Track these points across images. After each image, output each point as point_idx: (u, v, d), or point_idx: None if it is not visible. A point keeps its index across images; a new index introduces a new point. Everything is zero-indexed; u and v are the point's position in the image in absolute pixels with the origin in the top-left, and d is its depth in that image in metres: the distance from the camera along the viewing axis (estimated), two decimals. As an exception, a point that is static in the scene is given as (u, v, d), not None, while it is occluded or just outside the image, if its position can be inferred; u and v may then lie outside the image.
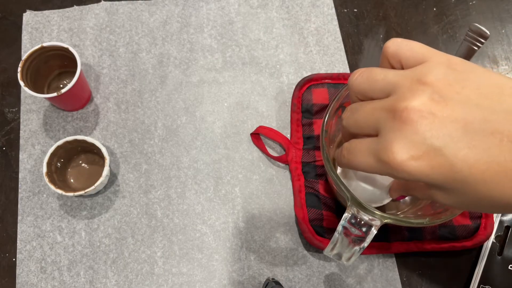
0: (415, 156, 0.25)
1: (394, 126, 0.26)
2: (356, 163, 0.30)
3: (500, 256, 0.49)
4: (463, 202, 0.27)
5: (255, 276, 0.49)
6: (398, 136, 0.26)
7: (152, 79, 0.57)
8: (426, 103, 0.25)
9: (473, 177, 0.25)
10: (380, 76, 0.29)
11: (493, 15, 0.61)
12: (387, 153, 0.26)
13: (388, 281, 0.49)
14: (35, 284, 0.49)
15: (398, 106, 0.26)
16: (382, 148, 0.27)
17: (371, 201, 0.42)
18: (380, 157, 0.27)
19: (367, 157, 0.29)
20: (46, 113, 0.55)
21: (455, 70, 0.26)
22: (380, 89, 0.29)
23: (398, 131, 0.26)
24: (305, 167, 0.52)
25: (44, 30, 0.59)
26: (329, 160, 0.39)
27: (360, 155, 0.29)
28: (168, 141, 0.55)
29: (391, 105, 0.27)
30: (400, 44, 0.29)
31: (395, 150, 0.26)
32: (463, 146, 0.24)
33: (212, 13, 0.60)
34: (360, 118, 0.30)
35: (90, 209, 0.52)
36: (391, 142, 0.26)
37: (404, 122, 0.26)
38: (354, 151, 0.30)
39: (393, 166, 0.26)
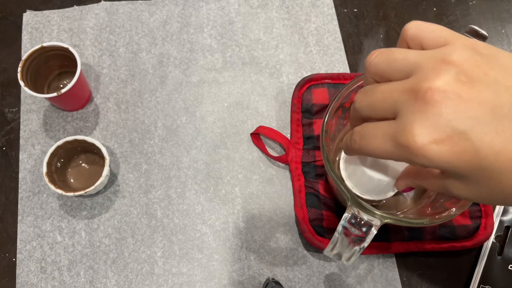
0: (438, 139, 0.23)
1: (415, 108, 0.24)
2: (370, 147, 0.28)
3: (500, 256, 0.49)
4: (481, 194, 0.25)
5: (255, 276, 0.49)
6: (419, 118, 0.24)
7: (152, 79, 0.57)
8: (451, 83, 0.23)
9: (499, 165, 0.23)
10: (401, 56, 0.27)
11: (493, 15, 0.61)
12: (407, 136, 0.24)
13: (388, 281, 0.49)
14: (35, 284, 0.49)
15: (421, 86, 0.24)
16: (401, 131, 0.25)
17: (376, 192, 0.41)
18: (399, 140, 0.25)
19: (383, 141, 0.27)
20: (46, 113, 0.55)
21: (481, 53, 0.25)
22: (400, 69, 0.27)
23: (419, 112, 0.24)
24: (305, 167, 0.52)
25: (44, 30, 0.59)
26: (329, 160, 0.39)
27: (375, 139, 0.27)
28: (168, 141, 0.55)
29: (412, 85, 0.25)
30: (421, 26, 0.27)
31: (416, 132, 0.24)
32: (490, 130, 0.23)
33: (212, 13, 0.60)
34: (377, 99, 0.27)
35: (90, 209, 0.52)
36: (411, 124, 0.24)
37: (427, 103, 0.24)
38: (367, 135, 0.28)
39: (412, 150, 0.24)
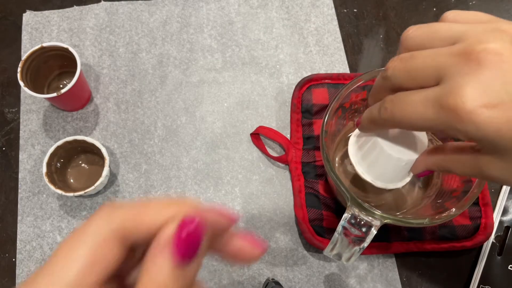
0: (490, 104, 0.21)
1: (466, 70, 0.22)
2: (406, 114, 0.25)
3: (500, 256, 0.49)
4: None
5: (255, 276, 0.49)
6: (471, 79, 0.22)
7: (152, 79, 0.57)
8: (507, 47, 0.22)
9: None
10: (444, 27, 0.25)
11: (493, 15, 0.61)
12: (455, 98, 0.22)
13: (388, 281, 0.49)
14: (35, 284, 0.49)
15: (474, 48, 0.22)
16: (447, 93, 0.22)
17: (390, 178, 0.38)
18: (444, 103, 0.22)
19: (423, 106, 0.24)
20: (46, 113, 0.55)
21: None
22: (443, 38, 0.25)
23: (471, 74, 0.22)
24: (305, 167, 0.52)
25: (44, 30, 0.59)
26: (329, 160, 0.39)
27: (413, 104, 0.24)
28: (168, 141, 0.55)
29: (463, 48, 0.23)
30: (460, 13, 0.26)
31: (466, 94, 0.21)
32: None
33: (212, 13, 0.60)
34: (417, 65, 0.25)
35: (90, 209, 0.52)
36: (461, 86, 0.22)
37: (481, 63, 0.21)
38: (403, 102, 0.25)
39: (460, 113, 0.22)
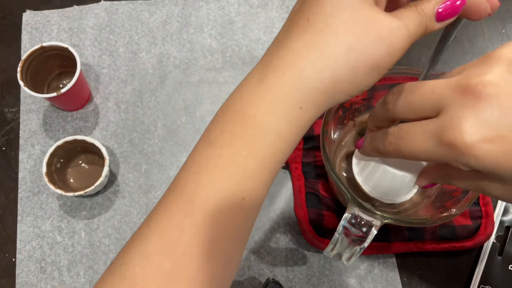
0: (489, 138, 0.22)
1: (464, 102, 0.22)
2: (408, 149, 0.26)
3: (500, 256, 0.49)
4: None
5: (255, 276, 0.49)
6: (469, 113, 0.22)
7: (152, 79, 0.57)
8: (504, 76, 0.22)
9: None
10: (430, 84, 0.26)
11: (493, 15, 0.61)
12: (454, 132, 0.22)
13: (388, 281, 0.49)
14: (35, 284, 0.49)
15: (471, 80, 0.23)
16: (446, 127, 0.23)
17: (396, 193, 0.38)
18: (444, 137, 0.23)
19: (423, 140, 0.25)
20: (46, 113, 0.55)
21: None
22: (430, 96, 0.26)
23: (469, 107, 0.22)
24: (305, 167, 0.52)
25: (44, 30, 0.58)
26: (329, 160, 0.39)
27: (414, 138, 0.25)
28: (168, 141, 0.55)
29: (460, 81, 0.23)
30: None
31: (465, 129, 0.22)
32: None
33: (212, 13, 0.60)
34: (417, 98, 0.26)
35: (89, 209, 0.52)
36: (459, 120, 0.22)
37: (477, 96, 0.22)
38: (406, 135, 0.26)
39: (459, 148, 0.22)
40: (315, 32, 0.24)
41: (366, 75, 0.25)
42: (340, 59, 0.24)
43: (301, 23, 0.25)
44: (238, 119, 0.26)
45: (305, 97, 0.25)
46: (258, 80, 0.26)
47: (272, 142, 0.25)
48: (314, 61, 0.24)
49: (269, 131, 0.25)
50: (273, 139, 0.25)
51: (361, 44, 0.24)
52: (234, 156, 0.25)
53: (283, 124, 0.25)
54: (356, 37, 0.24)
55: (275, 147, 0.26)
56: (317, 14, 0.24)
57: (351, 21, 0.24)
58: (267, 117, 0.25)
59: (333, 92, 0.25)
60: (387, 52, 0.24)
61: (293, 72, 0.24)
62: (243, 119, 0.25)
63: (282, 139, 0.26)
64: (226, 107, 0.27)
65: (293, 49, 0.25)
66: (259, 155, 0.25)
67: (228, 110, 0.27)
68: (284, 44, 0.25)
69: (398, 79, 0.41)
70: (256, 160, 0.25)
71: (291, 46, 0.25)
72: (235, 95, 0.27)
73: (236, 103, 0.26)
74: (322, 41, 0.24)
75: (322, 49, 0.24)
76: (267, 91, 0.25)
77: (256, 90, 0.25)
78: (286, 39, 0.25)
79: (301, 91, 0.25)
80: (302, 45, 0.24)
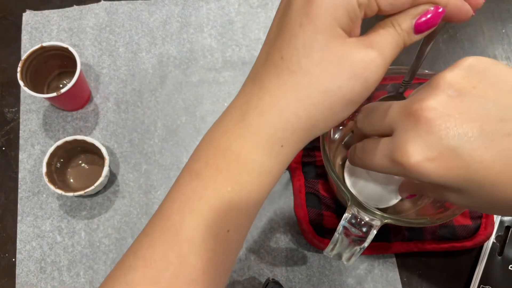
0: (430, 157, 0.24)
1: (408, 126, 0.25)
2: (370, 163, 0.29)
3: (500, 256, 0.49)
4: (477, 203, 0.26)
5: (255, 276, 0.49)
6: (412, 136, 0.25)
7: (152, 79, 0.57)
8: (442, 101, 0.24)
9: (489, 179, 0.24)
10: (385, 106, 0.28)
11: (494, 15, 0.61)
12: (401, 154, 0.25)
13: (388, 281, 0.49)
14: (35, 284, 0.49)
15: (413, 105, 0.25)
16: (396, 149, 0.26)
17: (380, 201, 0.42)
18: (394, 158, 0.26)
19: (380, 158, 0.28)
20: (46, 113, 0.55)
21: (474, 67, 0.25)
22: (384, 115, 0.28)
23: (412, 131, 0.25)
24: (305, 167, 0.52)
25: (44, 30, 0.58)
26: (329, 160, 0.39)
27: (373, 155, 0.28)
28: (168, 141, 0.55)
29: (405, 105, 0.26)
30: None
31: (409, 151, 0.25)
32: (479, 146, 0.23)
33: (212, 13, 0.60)
34: (375, 119, 0.29)
35: (89, 209, 0.52)
36: (405, 143, 0.25)
37: (418, 121, 0.24)
38: (367, 151, 0.29)
39: (407, 167, 0.25)
40: (291, 74, 0.25)
41: (342, 111, 0.26)
42: (316, 100, 0.25)
43: (276, 61, 0.26)
44: (222, 155, 0.27)
45: (285, 135, 0.26)
46: (239, 117, 0.27)
47: (257, 177, 0.27)
48: (290, 103, 0.25)
49: (254, 167, 0.27)
50: (257, 174, 0.27)
51: (336, 84, 0.25)
52: (219, 190, 0.26)
53: (266, 160, 0.27)
54: (331, 78, 0.24)
55: (260, 181, 0.27)
56: (291, 53, 0.25)
57: (324, 61, 0.24)
58: (250, 154, 0.26)
59: (312, 129, 0.26)
60: (362, 88, 0.25)
61: (271, 113, 0.26)
62: (227, 155, 0.26)
63: (266, 174, 0.27)
64: (209, 141, 0.28)
65: (270, 90, 0.26)
66: (244, 190, 0.27)
67: (211, 144, 0.28)
68: (262, 81, 0.26)
69: (398, 79, 0.41)
70: (241, 195, 0.27)
71: (268, 86, 0.26)
72: (217, 130, 0.28)
73: (219, 137, 0.27)
74: (298, 84, 0.25)
75: (298, 92, 0.25)
76: (248, 130, 0.26)
77: (238, 128, 0.27)
78: (263, 75, 0.26)
79: (281, 130, 0.26)
80: (279, 86, 0.25)
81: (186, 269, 0.26)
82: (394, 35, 0.25)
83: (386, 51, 0.25)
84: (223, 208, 0.26)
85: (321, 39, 0.24)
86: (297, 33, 0.25)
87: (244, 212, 0.27)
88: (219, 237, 0.27)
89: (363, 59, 0.24)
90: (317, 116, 0.26)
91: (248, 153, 0.26)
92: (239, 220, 0.27)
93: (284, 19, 0.26)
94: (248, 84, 0.28)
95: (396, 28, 0.26)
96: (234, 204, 0.26)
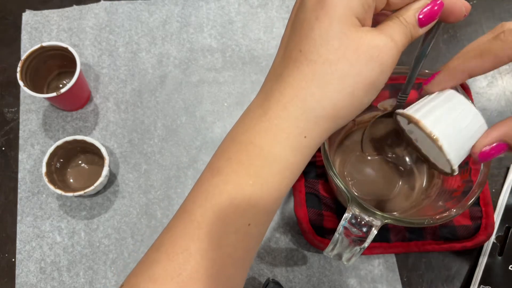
0: None
1: None
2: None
3: (500, 256, 0.48)
4: None
5: (255, 276, 0.49)
6: None
7: (151, 79, 0.57)
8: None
9: None
10: None
11: (494, 15, 0.61)
12: None
13: (389, 281, 0.49)
14: (35, 284, 0.49)
15: None
16: None
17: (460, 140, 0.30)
18: None
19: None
20: (46, 113, 0.55)
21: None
22: None
23: None
24: (305, 167, 0.52)
25: (44, 29, 0.58)
26: (329, 160, 0.39)
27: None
28: (168, 141, 0.54)
29: None
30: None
31: None
32: None
33: (212, 13, 0.60)
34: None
35: (89, 209, 0.52)
36: None
37: None
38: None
39: None
40: (310, 64, 0.25)
41: (364, 96, 0.26)
42: (338, 87, 0.25)
43: (295, 55, 0.26)
44: (244, 149, 0.27)
45: (308, 126, 0.26)
46: (262, 113, 0.27)
47: (279, 171, 0.27)
48: (313, 92, 0.25)
49: (276, 161, 0.26)
50: (279, 168, 0.27)
51: (355, 68, 0.25)
52: (240, 184, 0.26)
53: (289, 154, 0.26)
54: (349, 63, 0.25)
55: (282, 176, 0.27)
56: (309, 45, 0.25)
57: (342, 48, 0.25)
58: (273, 148, 0.26)
59: (335, 118, 0.26)
60: (380, 71, 0.26)
61: (295, 104, 0.26)
62: (249, 149, 0.26)
63: (288, 168, 0.27)
64: (231, 138, 0.28)
65: (291, 82, 0.26)
66: (265, 184, 0.27)
67: (234, 140, 0.28)
68: (282, 77, 0.26)
69: (398, 79, 0.41)
70: (263, 189, 0.27)
71: (288, 80, 0.26)
72: (239, 127, 0.28)
73: (241, 134, 0.27)
74: (318, 72, 0.25)
75: (319, 80, 0.25)
76: (271, 123, 0.26)
77: (260, 123, 0.27)
78: (283, 71, 0.27)
79: (304, 120, 0.26)
80: (300, 77, 0.26)
81: (207, 263, 0.26)
82: (401, 26, 0.26)
83: (397, 37, 0.26)
84: (244, 203, 0.26)
85: (337, 28, 0.25)
86: (313, 26, 0.25)
87: (264, 207, 0.27)
88: (239, 232, 0.27)
89: (378, 44, 0.25)
90: (339, 103, 0.26)
91: (271, 147, 0.26)
92: (259, 215, 0.27)
93: (299, 16, 0.26)
94: (268, 82, 0.28)
95: (402, 21, 0.26)
96: (254, 199, 0.26)
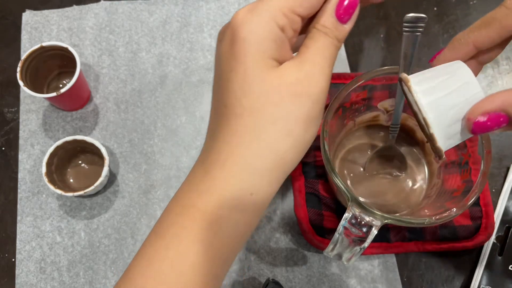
0: None
1: None
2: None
3: (501, 256, 0.48)
4: None
5: (255, 276, 0.49)
6: None
7: (151, 79, 0.57)
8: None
9: None
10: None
11: (494, 15, 0.61)
12: None
13: (389, 281, 0.49)
14: (35, 284, 0.49)
15: None
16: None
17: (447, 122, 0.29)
18: None
19: None
20: (46, 113, 0.55)
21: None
22: None
23: None
24: (305, 167, 0.52)
25: (44, 29, 0.58)
26: (329, 160, 0.39)
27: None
28: (168, 141, 0.54)
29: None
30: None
31: None
32: None
33: (212, 13, 0.60)
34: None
35: (89, 209, 0.52)
36: None
37: None
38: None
39: None
40: (237, 118, 0.24)
41: (305, 133, 0.25)
42: (273, 133, 0.24)
43: (221, 111, 0.25)
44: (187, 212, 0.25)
45: (253, 182, 0.25)
46: (203, 173, 0.26)
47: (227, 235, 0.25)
48: (248, 145, 0.24)
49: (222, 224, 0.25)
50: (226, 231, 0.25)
51: (284, 109, 0.24)
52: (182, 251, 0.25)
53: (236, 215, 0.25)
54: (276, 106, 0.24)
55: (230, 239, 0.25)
56: (230, 98, 0.24)
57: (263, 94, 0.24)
58: (218, 210, 0.25)
59: (281, 165, 0.25)
60: (310, 103, 0.24)
61: (233, 162, 0.24)
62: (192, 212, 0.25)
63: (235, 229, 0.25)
64: (176, 201, 0.27)
65: (225, 139, 0.25)
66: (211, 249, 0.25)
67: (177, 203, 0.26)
68: (216, 134, 0.25)
69: (393, 79, 0.41)
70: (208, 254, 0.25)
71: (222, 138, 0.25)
72: (183, 189, 0.27)
73: (184, 197, 0.26)
74: (247, 124, 0.24)
75: (251, 132, 0.24)
76: (213, 183, 0.25)
77: (202, 184, 0.25)
78: (216, 128, 0.26)
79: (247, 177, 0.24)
80: (232, 133, 0.24)
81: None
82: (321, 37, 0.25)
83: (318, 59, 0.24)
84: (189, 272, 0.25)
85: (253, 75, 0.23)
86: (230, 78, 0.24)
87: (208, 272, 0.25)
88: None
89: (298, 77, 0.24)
90: (280, 148, 0.24)
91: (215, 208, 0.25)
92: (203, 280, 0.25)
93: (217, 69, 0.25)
94: (207, 141, 0.27)
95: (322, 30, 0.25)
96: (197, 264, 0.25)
